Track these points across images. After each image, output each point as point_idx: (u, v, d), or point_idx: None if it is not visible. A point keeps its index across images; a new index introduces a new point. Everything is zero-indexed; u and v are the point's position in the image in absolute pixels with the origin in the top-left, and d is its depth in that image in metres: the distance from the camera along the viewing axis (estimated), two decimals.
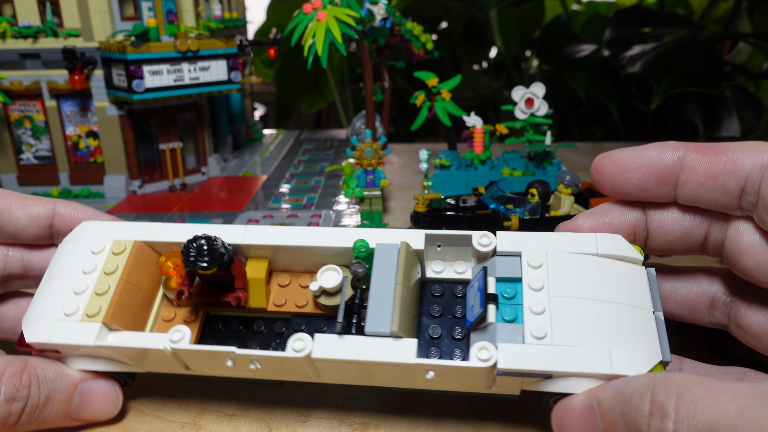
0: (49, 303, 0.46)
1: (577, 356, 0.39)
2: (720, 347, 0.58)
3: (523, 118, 0.92)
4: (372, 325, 0.41)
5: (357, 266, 0.43)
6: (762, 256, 0.41)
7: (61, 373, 0.45)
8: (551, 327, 0.41)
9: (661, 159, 0.43)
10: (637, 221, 0.47)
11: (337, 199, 0.99)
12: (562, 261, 0.44)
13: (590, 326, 0.41)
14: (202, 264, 0.42)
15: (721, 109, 1.47)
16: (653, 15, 1.74)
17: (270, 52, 1.27)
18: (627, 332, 0.41)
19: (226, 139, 1.24)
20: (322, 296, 0.46)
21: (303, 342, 0.41)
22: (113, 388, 0.48)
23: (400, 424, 0.49)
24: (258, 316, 0.50)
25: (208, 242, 0.42)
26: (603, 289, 0.43)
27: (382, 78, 1.24)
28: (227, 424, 0.49)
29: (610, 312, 0.42)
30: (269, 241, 0.47)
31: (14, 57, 0.95)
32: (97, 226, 0.50)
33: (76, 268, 0.47)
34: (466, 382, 0.42)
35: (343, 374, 0.44)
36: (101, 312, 0.44)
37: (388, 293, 0.42)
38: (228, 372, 0.45)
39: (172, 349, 0.43)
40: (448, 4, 1.97)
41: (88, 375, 0.47)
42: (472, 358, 0.39)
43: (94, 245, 0.48)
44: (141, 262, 0.48)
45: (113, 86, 0.95)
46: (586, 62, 1.59)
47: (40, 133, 1.02)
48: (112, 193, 1.01)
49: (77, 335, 0.43)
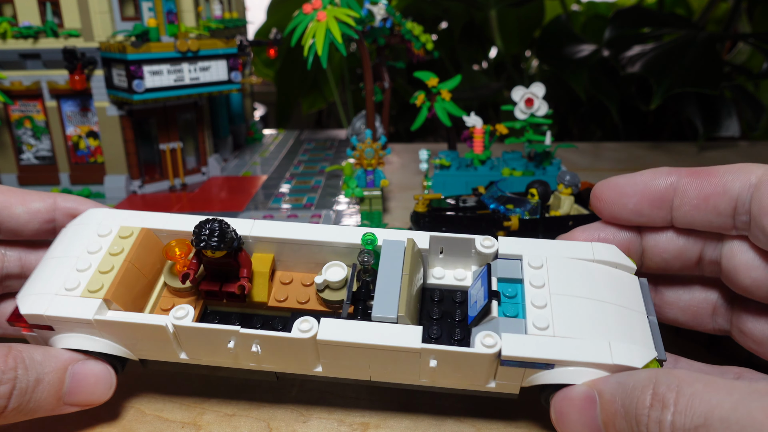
0: (48, 278, 0.46)
1: (579, 346, 0.41)
2: (719, 347, 0.58)
3: (523, 118, 0.92)
4: (379, 309, 0.42)
5: (365, 255, 0.45)
6: (757, 273, 0.43)
7: (49, 354, 0.44)
8: (552, 320, 0.43)
9: (654, 184, 0.45)
10: (631, 239, 0.49)
11: (337, 199, 0.99)
12: (561, 264, 0.47)
13: (589, 322, 0.43)
14: (212, 243, 0.43)
15: (721, 109, 1.47)
16: (653, 15, 1.74)
17: (270, 52, 1.27)
18: (623, 330, 0.43)
19: (226, 139, 1.24)
20: (326, 290, 0.47)
21: (309, 323, 0.42)
22: (106, 368, 0.46)
23: (400, 424, 0.49)
24: (257, 313, 0.50)
25: (221, 225, 0.44)
26: (600, 291, 0.45)
27: (382, 78, 1.24)
28: (227, 424, 0.49)
29: (607, 311, 0.44)
30: (277, 235, 0.49)
31: (15, 57, 0.95)
32: (104, 212, 0.51)
33: (79, 248, 0.47)
34: (468, 374, 0.43)
35: (343, 365, 0.44)
36: (103, 288, 0.44)
37: (394, 281, 0.44)
38: (225, 358, 0.45)
39: (174, 327, 0.43)
40: (448, 5, 1.97)
41: (78, 356, 0.45)
42: (477, 344, 0.40)
43: (101, 228, 0.49)
44: (146, 249, 0.49)
45: (113, 86, 0.95)
46: (585, 62, 1.59)
47: (41, 133, 1.02)
48: (113, 193, 1.01)
49: (76, 309, 0.43)
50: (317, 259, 0.49)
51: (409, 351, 0.41)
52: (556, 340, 0.41)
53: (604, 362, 0.40)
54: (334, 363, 0.44)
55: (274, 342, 0.42)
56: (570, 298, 0.44)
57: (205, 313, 0.50)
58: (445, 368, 0.42)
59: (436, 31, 2.14)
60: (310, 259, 0.50)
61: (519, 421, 0.49)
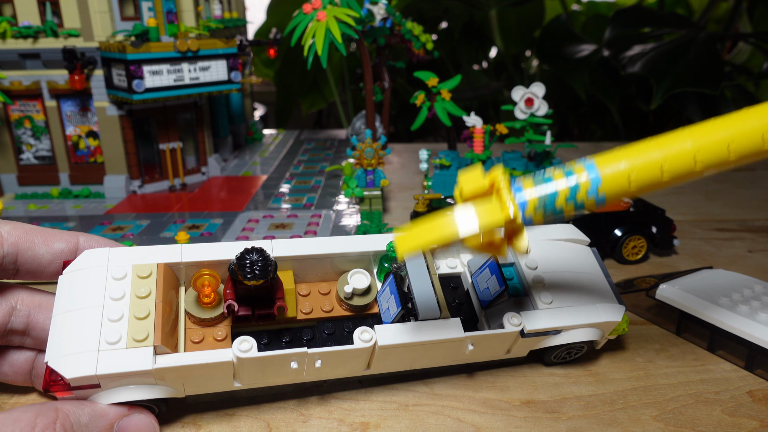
0: (80, 335, 0.43)
1: (577, 312, 0.52)
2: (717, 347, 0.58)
3: (523, 118, 0.92)
4: (424, 312, 0.48)
5: (399, 264, 0.50)
6: None
7: (96, 414, 0.43)
8: (552, 294, 0.53)
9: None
10: None
11: (337, 199, 0.99)
12: (542, 246, 0.57)
13: (576, 291, 0.54)
14: (257, 274, 0.43)
15: (721, 109, 1.47)
16: (653, 15, 1.74)
17: (270, 52, 1.27)
18: (598, 293, 0.54)
19: (226, 139, 1.24)
20: (354, 298, 0.51)
21: (369, 333, 0.47)
22: (149, 420, 0.45)
23: (400, 424, 0.49)
24: (283, 327, 0.50)
25: (262, 255, 0.44)
26: (574, 264, 0.56)
27: (382, 78, 1.24)
28: (227, 424, 0.49)
29: (583, 280, 0.55)
30: (297, 253, 0.50)
31: (14, 57, 0.95)
32: (101, 253, 0.47)
33: (99, 296, 0.44)
34: (496, 349, 0.53)
35: (392, 361, 0.50)
36: (150, 336, 0.43)
37: (427, 284, 0.50)
38: (283, 377, 0.48)
39: (239, 360, 0.43)
40: (448, 4, 1.97)
41: (122, 410, 0.44)
42: (507, 325, 0.50)
43: (114, 272, 0.46)
44: (167, 285, 0.47)
45: (113, 86, 0.95)
46: (586, 62, 1.59)
47: (40, 133, 1.02)
48: (112, 193, 1.01)
49: (131, 362, 0.42)
50: (333, 269, 0.52)
51: (454, 341, 0.48)
52: (560, 310, 0.52)
53: (597, 321, 0.52)
54: (384, 361, 0.50)
55: (338, 355, 0.46)
56: (558, 273, 0.55)
57: (232, 336, 0.49)
58: (479, 348, 0.50)
59: (436, 31, 2.14)
60: (326, 270, 0.52)
61: (520, 423, 0.49)
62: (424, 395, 0.52)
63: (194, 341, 0.47)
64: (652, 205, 0.83)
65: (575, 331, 0.52)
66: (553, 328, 0.51)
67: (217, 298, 0.47)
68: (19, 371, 0.50)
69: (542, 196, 0.39)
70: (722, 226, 0.94)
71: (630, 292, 0.66)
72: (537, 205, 0.39)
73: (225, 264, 0.48)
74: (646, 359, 0.58)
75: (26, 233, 0.48)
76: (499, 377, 0.55)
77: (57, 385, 0.42)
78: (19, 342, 0.49)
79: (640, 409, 0.51)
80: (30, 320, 0.48)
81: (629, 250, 0.79)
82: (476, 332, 0.49)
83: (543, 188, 0.40)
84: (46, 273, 0.49)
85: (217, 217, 0.91)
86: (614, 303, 0.54)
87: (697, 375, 0.55)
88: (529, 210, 0.40)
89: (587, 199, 0.39)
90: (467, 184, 0.40)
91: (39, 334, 0.48)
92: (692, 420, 0.49)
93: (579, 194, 0.39)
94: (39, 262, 0.48)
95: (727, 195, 1.11)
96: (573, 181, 0.39)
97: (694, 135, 0.38)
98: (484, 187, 0.40)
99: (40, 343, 0.49)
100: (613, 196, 0.39)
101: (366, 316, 0.52)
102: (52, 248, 0.48)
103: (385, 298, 0.50)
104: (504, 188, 0.39)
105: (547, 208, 0.40)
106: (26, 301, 0.48)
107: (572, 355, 0.56)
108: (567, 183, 0.39)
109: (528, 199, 0.39)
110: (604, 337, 0.55)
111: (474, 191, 0.40)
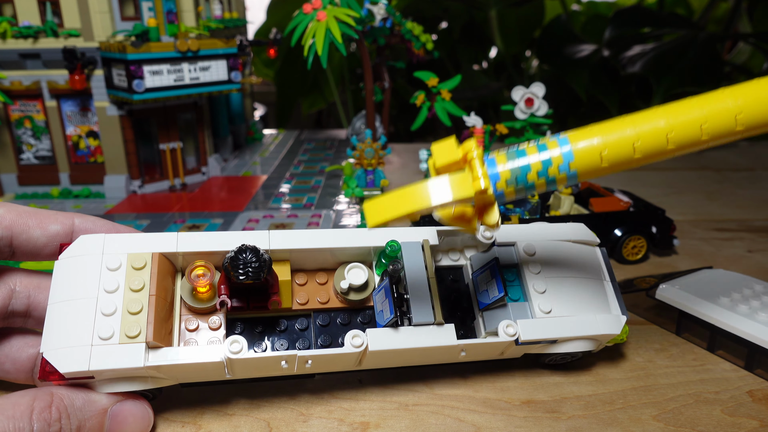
0: (73, 328, 0.43)
1: (575, 324, 0.50)
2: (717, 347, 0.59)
3: (523, 118, 0.92)
4: (419, 317, 0.47)
5: (396, 263, 0.48)
6: None
7: (89, 399, 0.44)
8: (552, 302, 0.51)
9: None
10: None
11: (337, 199, 0.99)
12: (548, 248, 0.54)
13: (577, 299, 0.51)
14: (250, 273, 0.43)
15: None
16: (653, 15, 1.74)
17: (270, 52, 1.27)
18: (600, 301, 0.52)
19: (226, 139, 1.24)
20: (350, 293, 0.50)
21: (360, 338, 0.46)
22: (142, 406, 0.46)
23: (400, 424, 0.49)
24: (278, 316, 0.50)
25: (256, 254, 0.44)
26: (579, 268, 0.54)
27: (382, 78, 1.24)
28: (227, 424, 0.49)
29: (587, 286, 0.53)
30: (294, 245, 0.49)
31: (14, 57, 0.95)
32: (96, 239, 0.47)
33: (93, 287, 0.44)
34: (489, 353, 0.51)
35: (384, 360, 0.50)
36: (142, 333, 0.43)
37: (424, 287, 0.49)
38: (273, 372, 0.48)
39: (229, 360, 0.44)
40: (448, 4, 1.97)
41: (116, 396, 0.45)
42: (502, 334, 0.48)
43: (108, 262, 0.46)
44: (162, 275, 0.47)
45: (113, 86, 0.95)
46: (586, 62, 1.59)
47: (41, 133, 1.02)
48: (112, 193, 1.01)
49: (122, 359, 0.42)
50: (330, 261, 0.52)
51: (447, 348, 0.48)
52: (558, 320, 0.50)
53: (595, 334, 0.50)
54: (376, 361, 0.49)
55: (328, 357, 0.46)
56: (561, 279, 0.52)
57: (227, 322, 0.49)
58: (471, 353, 0.50)
59: (436, 31, 2.14)
60: (323, 261, 0.51)
61: (520, 424, 0.49)
62: (424, 395, 0.52)
63: (189, 329, 0.47)
64: (652, 205, 0.83)
65: (571, 343, 0.51)
66: (546, 339, 0.50)
67: (212, 289, 0.47)
68: (21, 369, 0.50)
69: (514, 169, 0.39)
70: (722, 226, 0.94)
71: (630, 292, 0.67)
72: (509, 178, 0.39)
73: (221, 254, 0.47)
74: (646, 359, 0.58)
75: (20, 216, 0.48)
76: (499, 377, 0.55)
77: (54, 375, 0.43)
78: (22, 323, 0.50)
79: (640, 409, 0.51)
80: (31, 301, 0.49)
81: (629, 250, 0.79)
82: (469, 340, 0.48)
83: (516, 162, 0.39)
84: (43, 254, 0.49)
85: (217, 217, 0.91)
86: (615, 314, 0.52)
87: (696, 375, 0.56)
88: (500, 183, 0.39)
89: (558, 174, 0.39)
90: (440, 155, 0.39)
91: (41, 314, 0.49)
92: (692, 420, 0.49)
93: (551, 169, 0.39)
94: (34, 244, 0.48)
95: (726, 195, 1.11)
96: (546, 156, 0.39)
97: (668, 114, 0.38)
98: (457, 158, 0.39)
99: (43, 323, 0.49)
100: (584, 172, 0.39)
101: (362, 308, 0.51)
102: (47, 231, 0.48)
103: (380, 299, 0.49)
104: (476, 159, 0.38)
105: (519, 181, 0.39)
106: (25, 282, 0.49)
107: (568, 359, 0.55)
108: (539, 157, 0.39)
109: (500, 171, 0.39)
110: (602, 345, 0.54)
111: (447, 162, 0.39)
